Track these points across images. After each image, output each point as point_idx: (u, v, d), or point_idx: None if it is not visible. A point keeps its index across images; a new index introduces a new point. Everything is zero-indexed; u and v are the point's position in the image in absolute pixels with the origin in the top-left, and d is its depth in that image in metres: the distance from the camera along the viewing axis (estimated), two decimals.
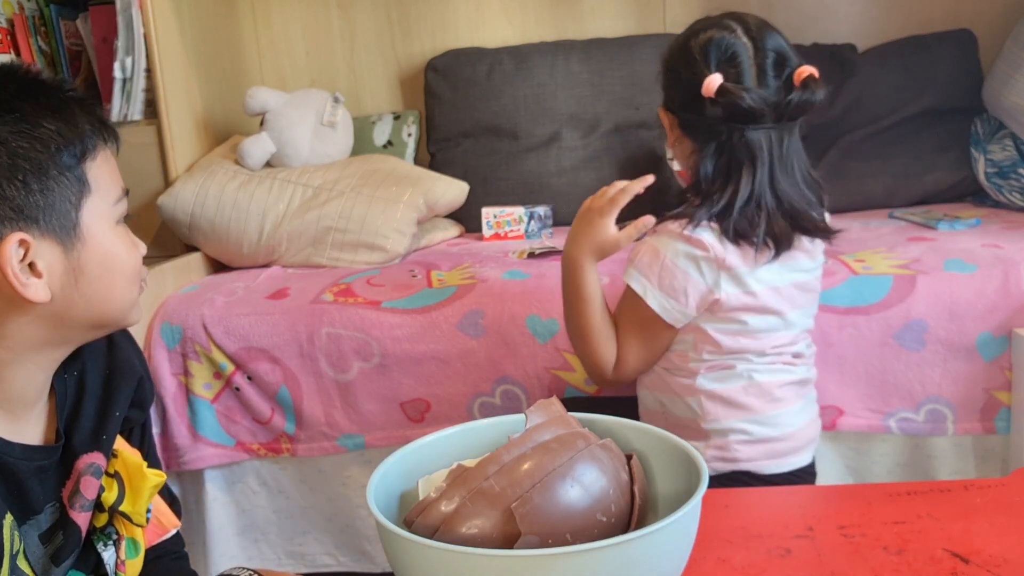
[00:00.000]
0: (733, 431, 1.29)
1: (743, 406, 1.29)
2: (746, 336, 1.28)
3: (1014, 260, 1.63)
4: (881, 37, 2.45)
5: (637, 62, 2.42)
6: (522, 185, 2.41)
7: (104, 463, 0.87)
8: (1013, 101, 2.13)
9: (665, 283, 1.25)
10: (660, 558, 0.71)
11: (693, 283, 1.24)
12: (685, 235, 1.24)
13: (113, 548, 0.89)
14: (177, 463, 1.75)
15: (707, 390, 1.29)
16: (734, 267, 1.24)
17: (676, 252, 1.25)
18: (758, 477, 1.30)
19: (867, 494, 1.04)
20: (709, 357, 1.29)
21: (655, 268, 1.26)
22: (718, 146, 1.25)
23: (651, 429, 0.88)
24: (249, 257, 2.06)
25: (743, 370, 1.29)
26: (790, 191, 1.26)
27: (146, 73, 2.07)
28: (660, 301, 1.26)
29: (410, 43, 2.63)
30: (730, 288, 1.25)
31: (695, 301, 1.25)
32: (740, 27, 1.27)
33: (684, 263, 1.24)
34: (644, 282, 1.26)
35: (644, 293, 1.26)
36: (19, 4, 2.15)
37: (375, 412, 1.73)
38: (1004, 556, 0.86)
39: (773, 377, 1.31)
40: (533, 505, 0.71)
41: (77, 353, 0.88)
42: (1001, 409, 1.61)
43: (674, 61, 1.32)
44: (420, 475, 0.86)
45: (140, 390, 0.95)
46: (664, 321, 1.27)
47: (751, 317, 1.27)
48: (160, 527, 0.94)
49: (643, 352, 1.31)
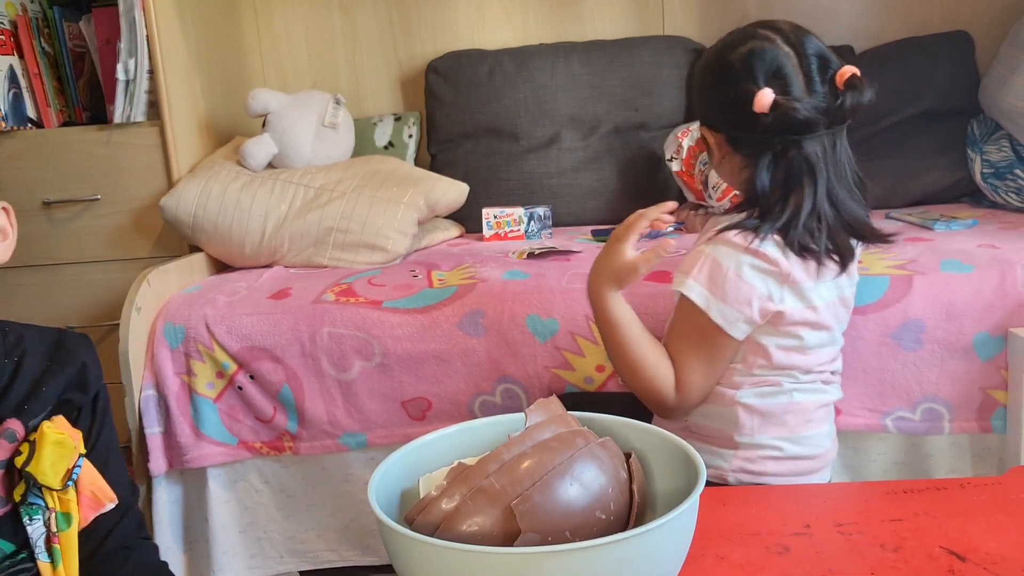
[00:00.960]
0: (765, 447, 1.27)
1: (782, 423, 1.28)
2: (799, 352, 1.26)
3: (1010, 260, 1.64)
4: (878, 39, 2.46)
5: (637, 64, 2.42)
6: (522, 186, 2.41)
7: (22, 431, 0.92)
8: (1010, 102, 2.13)
9: (730, 295, 1.20)
10: (659, 555, 0.72)
11: (758, 295, 1.21)
12: (752, 248, 1.20)
13: (41, 522, 0.93)
14: (180, 461, 1.76)
15: (746, 403, 1.27)
16: (799, 281, 1.22)
17: (740, 264, 1.21)
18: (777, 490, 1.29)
19: (865, 492, 1.05)
20: (759, 373, 1.27)
21: (718, 280, 1.21)
22: (773, 158, 1.22)
23: (650, 428, 0.89)
24: (251, 257, 2.07)
25: (788, 388, 1.27)
26: (847, 200, 1.24)
27: (149, 75, 2.08)
28: (723, 313, 1.21)
29: (411, 45, 2.64)
30: (793, 302, 1.22)
31: (759, 313, 1.21)
32: (779, 36, 1.23)
33: (749, 274, 1.20)
34: (705, 294, 1.22)
35: (707, 306, 1.21)
36: (22, 6, 2.15)
37: (376, 411, 1.74)
38: (1001, 554, 0.86)
39: (812, 397, 1.30)
40: (533, 503, 0.72)
41: (19, 341, 0.98)
42: (997, 408, 1.61)
43: (713, 79, 1.27)
44: (421, 473, 0.87)
45: (83, 375, 1.01)
46: (726, 334, 1.22)
47: (808, 332, 1.25)
48: (95, 500, 0.97)
49: (706, 370, 1.25)
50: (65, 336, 1.03)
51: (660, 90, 2.42)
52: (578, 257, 1.95)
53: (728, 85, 1.23)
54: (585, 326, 1.66)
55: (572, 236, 2.25)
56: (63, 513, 0.94)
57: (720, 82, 1.25)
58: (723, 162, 1.31)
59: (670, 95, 2.43)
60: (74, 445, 0.94)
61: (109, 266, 2.14)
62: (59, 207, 2.12)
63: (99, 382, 1.04)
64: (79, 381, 1.00)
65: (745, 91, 1.19)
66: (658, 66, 2.42)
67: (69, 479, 0.93)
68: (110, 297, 2.13)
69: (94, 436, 1.02)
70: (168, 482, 1.80)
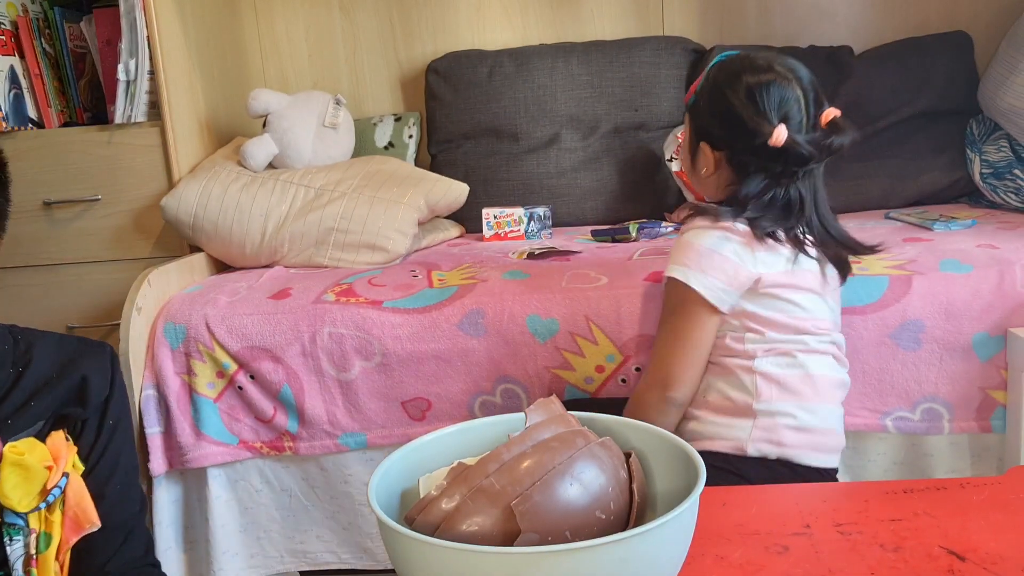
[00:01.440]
0: (782, 414, 1.33)
1: (797, 392, 1.34)
2: (793, 314, 1.34)
3: (1009, 260, 1.64)
4: (877, 39, 2.46)
5: (636, 64, 2.43)
6: (522, 186, 2.42)
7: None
8: (1008, 102, 2.14)
9: (705, 265, 1.31)
10: (659, 555, 0.72)
11: (731, 263, 1.31)
12: (719, 224, 1.33)
13: (21, 543, 0.90)
14: (180, 461, 1.77)
15: (764, 371, 1.34)
16: (770, 248, 1.32)
17: (710, 238, 1.32)
18: (795, 470, 1.33)
19: (864, 492, 1.05)
20: (773, 337, 1.34)
21: (692, 256, 1.32)
22: (766, 179, 1.35)
23: (650, 428, 0.89)
24: (252, 257, 2.07)
25: (801, 358, 1.35)
26: (829, 218, 1.40)
27: (150, 75, 2.08)
28: (703, 281, 1.31)
29: (411, 45, 2.64)
30: (767, 266, 1.32)
31: (736, 280, 1.31)
32: (794, 78, 1.34)
33: (719, 245, 1.31)
34: (684, 270, 1.32)
35: (687, 278, 1.32)
36: (23, 6, 2.16)
37: (376, 411, 1.74)
38: (1000, 553, 0.86)
39: (824, 372, 1.37)
40: (533, 503, 0.72)
41: (28, 350, 0.94)
42: (997, 408, 1.62)
43: (725, 103, 1.35)
44: (421, 473, 0.87)
45: (83, 389, 0.97)
46: (710, 306, 1.31)
47: (794, 294, 1.34)
48: (76, 523, 0.94)
49: (692, 356, 1.34)
50: (82, 346, 0.99)
51: (659, 90, 2.42)
52: (578, 257, 1.95)
53: (743, 111, 1.33)
54: (585, 326, 1.66)
55: (572, 236, 2.25)
56: (45, 533, 0.91)
57: (730, 106, 1.34)
58: (712, 176, 1.41)
59: (669, 95, 2.43)
60: (44, 466, 0.90)
61: (110, 266, 2.15)
62: (60, 207, 2.13)
63: (103, 395, 1.00)
64: (78, 395, 0.97)
65: (761, 125, 1.31)
66: (657, 66, 2.42)
67: (45, 500, 0.90)
68: (110, 297, 2.13)
69: (97, 454, 0.98)
70: (168, 482, 1.80)
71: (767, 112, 1.32)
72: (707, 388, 1.38)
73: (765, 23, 2.53)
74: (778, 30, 2.53)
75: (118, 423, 1.01)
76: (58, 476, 0.91)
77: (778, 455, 1.33)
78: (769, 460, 1.33)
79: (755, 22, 2.54)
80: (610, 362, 1.66)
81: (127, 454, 1.03)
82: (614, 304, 1.66)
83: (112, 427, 1.00)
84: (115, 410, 1.01)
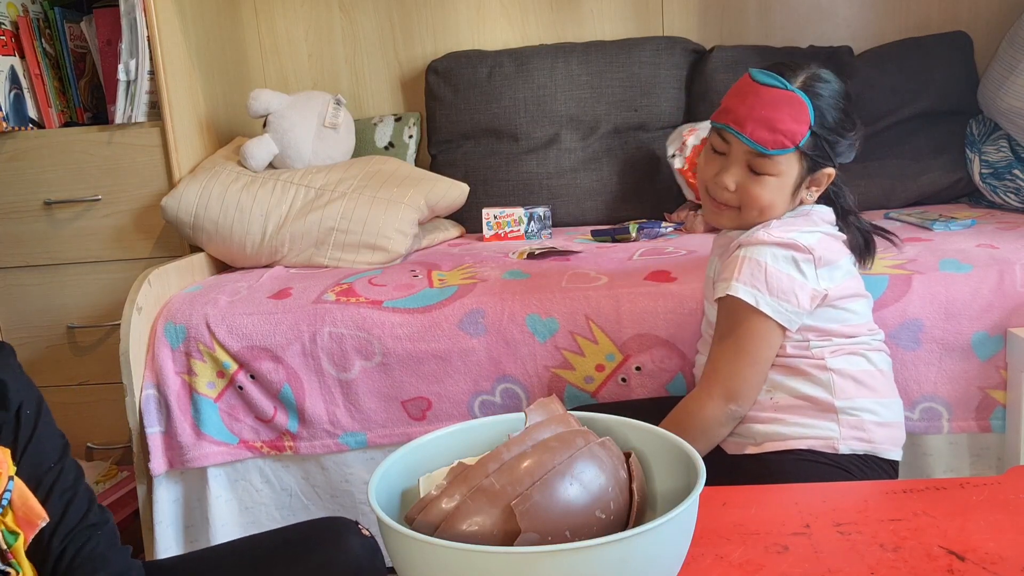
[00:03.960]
0: (865, 410, 1.34)
1: (871, 387, 1.35)
2: (850, 322, 1.35)
3: (1009, 260, 1.64)
4: (877, 39, 2.46)
5: (636, 64, 2.43)
6: (522, 186, 2.42)
7: None
8: (1008, 103, 2.14)
9: (774, 288, 1.29)
10: (658, 555, 0.72)
11: (799, 283, 1.29)
12: (781, 241, 1.30)
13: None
14: (181, 461, 1.77)
15: (837, 368, 1.34)
16: (828, 260, 1.32)
17: (775, 257, 1.30)
18: (881, 465, 1.35)
19: (864, 492, 1.05)
20: (838, 341, 1.34)
21: (760, 276, 1.29)
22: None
23: (650, 428, 0.89)
24: (252, 257, 2.07)
25: (864, 352, 1.36)
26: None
27: (150, 75, 2.08)
28: (774, 306, 1.29)
29: (411, 45, 2.65)
30: (831, 280, 1.32)
31: (806, 300, 1.30)
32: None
33: (784, 266, 1.29)
34: (752, 291, 1.29)
35: (757, 302, 1.28)
36: (23, 6, 2.16)
37: (377, 410, 1.75)
38: (999, 553, 0.87)
39: (885, 365, 1.39)
40: (533, 502, 0.72)
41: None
42: (996, 408, 1.62)
43: (848, 114, 1.34)
44: (421, 473, 0.87)
45: (2, 395, 0.99)
46: (778, 326, 1.30)
47: (851, 303, 1.35)
48: (28, 521, 0.97)
49: (755, 368, 1.32)
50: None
51: (659, 91, 2.42)
52: (578, 257, 1.95)
53: (854, 120, 1.35)
54: (585, 326, 1.66)
55: (572, 236, 2.26)
56: (7, 531, 0.94)
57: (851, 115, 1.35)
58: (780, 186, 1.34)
59: (669, 96, 2.43)
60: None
61: (110, 266, 2.15)
62: (60, 207, 2.13)
63: (21, 395, 1.02)
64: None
65: (856, 123, 1.35)
66: (657, 67, 2.42)
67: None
68: (111, 297, 2.13)
69: (20, 450, 1.00)
70: (168, 482, 1.80)
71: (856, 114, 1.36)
72: (771, 388, 1.36)
73: (765, 23, 2.53)
74: (778, 30, 2.53)
75: (34, 418, 1.03)
76: (4, 482, 0.93)
77: (866, 451, 1.33)
78: (859, 455, 1.33)
79: (755, 22, 2.54)
80: (610, 361, 1.66)
81: (49, 433, 1.05)
82: (614, 304, 1.66)
83: (30, 415, 1.03)
84: (27, 399, 1.03)
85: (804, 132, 1.28)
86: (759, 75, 1.30)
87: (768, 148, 1.28)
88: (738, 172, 1.33)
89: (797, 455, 1.32)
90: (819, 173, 1.34)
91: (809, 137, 1.28)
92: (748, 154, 1.31)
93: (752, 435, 1.36)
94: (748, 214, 1.35)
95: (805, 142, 1.28)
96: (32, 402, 1.03)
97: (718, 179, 1.34)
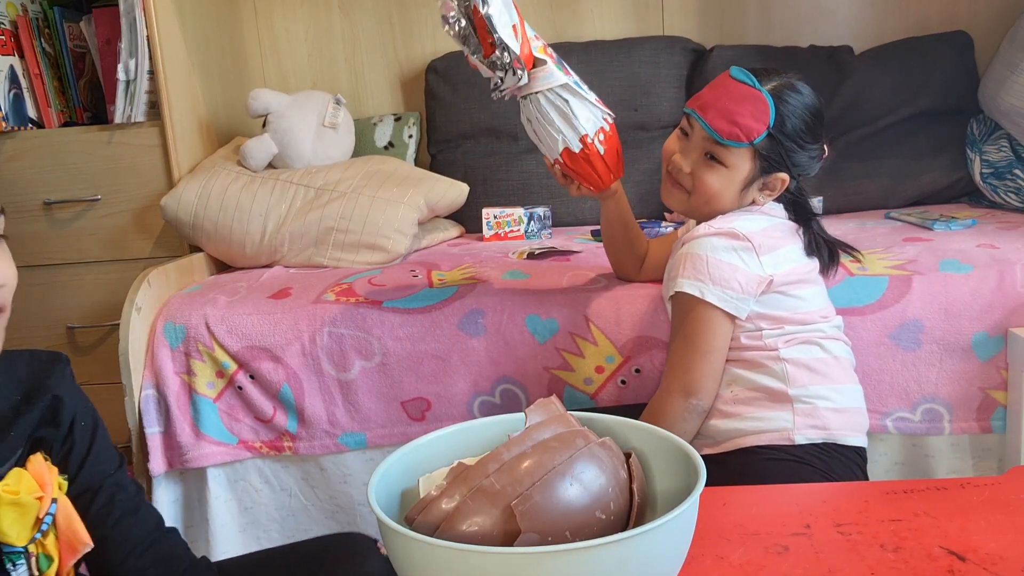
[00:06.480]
0: (819, 397, 1.35)
1: (825, 374, 1.36)
2: (800, 309, 1.36)
3: (1009, 260, 1.64)
4: (878, 39, 2.46)
5: (636, 64, 2.42)
6: (522, 186, 2.42)
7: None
8: (1009, 102, 2.14)
9: (716, 277, 1.31)
10: (659, 555, 0.72)
11: (741, 271, 1.32)
12: (720, 231, 1.33)
13: (24, 567, 0.91)
14: (180, 461, 1.76)
15: (791, 358, 1.35)
16: (770, 246, 1.34)
17: (714, 247, 1.32)
18: (844, 452, 1.35)
19: (864, 492, 1.05)
20: (790, 329, 1.36)
21: (703, 268, 1.32)
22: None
23: (650, 428, 0.89)
24: (252, 257, 2.07)
25: (818, 340, 1.37)
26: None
27: (149, 75, 2.08)
28: (718, 295, 1.31)
29: (411, 45, 2.64)
30: (776, 266, 1.34)
31: (750, 286, 1.32)
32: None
33: (724, 255, 1.32)
34: (696, 284, 1.32)
35: (702, 293, 1.31)
36: (23, 6, 2.16)
37: (376, 410, 1.74)
38: (1000, 554, 0.86)
39: (843, 353, 1.40)
40: (533, 503, 0.72)
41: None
42: (997, 408, 1.62)
43: (811, 128, 1.37)
44: (421, 473, 0.87)
45: (55, 410, 0.96)
46: (726, 315, 1.32)
47: (800, 289, 1.37)
48: (71, 546, 0.94)
49: (710, 362, 1.34)
50: (36, 362, 0.98)
51: (659, 90, 2.42)
52: (578, 257, 1.95)
53: (821, 131, 1.38)
54: (585, 327, 1.66)
55: (572, 236, 2.25)
56: (43, 555, 0.92)
57: (815, 127, 1.37)
58: (728, 178, 1.37)
59: (669, 95, 2.43)
60: (35, 498, 0.90)
61: (109, 266, 2.15)
62: (60, 207, 2.13)
63: (74, 410, 1.00)
64: (51, 417, 0.97)
65: (821, 141, 1.38)
66: (657, 66, 2.42)
67: (39, 529, 0.90)
68: (110, 297, 2.13)
69: (75, 464, 0.99)
70: (168, 482, 1.80)
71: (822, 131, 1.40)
72: (730, 382, 1.38)
73: (765, 23, 2.53)
74: (778, 30, 2.53)
75: (89, 432, 1.01)
76: (48, 503, 0.91)
77: (823, 439, 1.34)
78: (817, 444, 1.34)
79: (755, 22, 2.54)
80: (610, 363, 1.66)
81: (106, 449, 1.03)
82: (614, 305, 1.66)
83: (85, 428, 1.01)
84: (82, 414, 1.01)
85: (761, 131, 1.32)
86: (736, 72, 1.36)
87: (723, 138, 1.33)
88: (695, 156, 1.39)
89: (755, 453, 1.33)
90: (772, 177, 1.38)
91: (765, 137, 1.33)
92: (706, 141, 1.36)
93: (711, 434, 1.38)
94: (696, 200, 1.40)
95: (760, 141, 1.33)
96: (87, 414, 1.01)
97: (676, 159, 1.41)
